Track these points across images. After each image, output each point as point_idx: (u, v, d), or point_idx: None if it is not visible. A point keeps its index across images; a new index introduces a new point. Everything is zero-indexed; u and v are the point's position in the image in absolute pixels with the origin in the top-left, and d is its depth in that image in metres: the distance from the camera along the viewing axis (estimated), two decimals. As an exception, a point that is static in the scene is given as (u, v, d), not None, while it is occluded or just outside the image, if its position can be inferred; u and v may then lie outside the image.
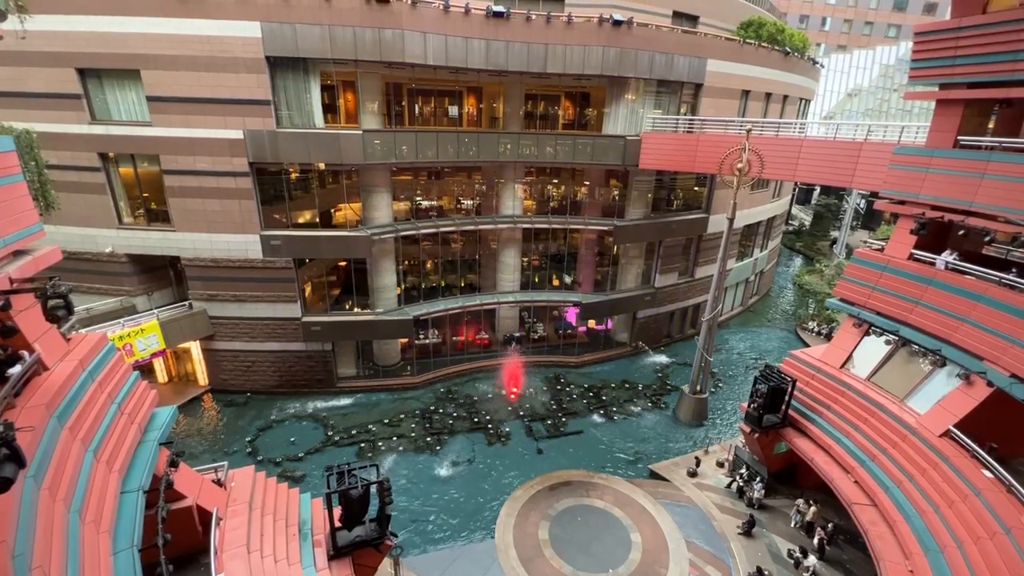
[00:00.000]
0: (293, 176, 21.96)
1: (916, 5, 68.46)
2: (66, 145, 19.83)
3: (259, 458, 19.58)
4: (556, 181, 27.78)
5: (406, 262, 25.38)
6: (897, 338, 15.05)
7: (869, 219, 54.60)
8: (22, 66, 18.87)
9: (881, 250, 16.12)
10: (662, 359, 28.87)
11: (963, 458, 12.32)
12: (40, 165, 15.74)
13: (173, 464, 9.96)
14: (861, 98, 60.04)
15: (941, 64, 13.86)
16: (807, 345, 30.06)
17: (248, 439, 20.67)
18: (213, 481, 11.44)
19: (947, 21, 13.58)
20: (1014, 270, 12.97)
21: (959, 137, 14.04)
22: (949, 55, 13.55)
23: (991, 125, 14.72)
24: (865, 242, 18.11)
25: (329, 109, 21.46)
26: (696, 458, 19.52)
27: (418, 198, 25.19)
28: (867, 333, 16.24)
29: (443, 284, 26.61)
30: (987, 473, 11.72)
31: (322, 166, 21.99)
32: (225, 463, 12.23)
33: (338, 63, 19.74)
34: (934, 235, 14.94)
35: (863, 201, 53.08)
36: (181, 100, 19.23)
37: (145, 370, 23.06)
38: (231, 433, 21.23)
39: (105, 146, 20.26)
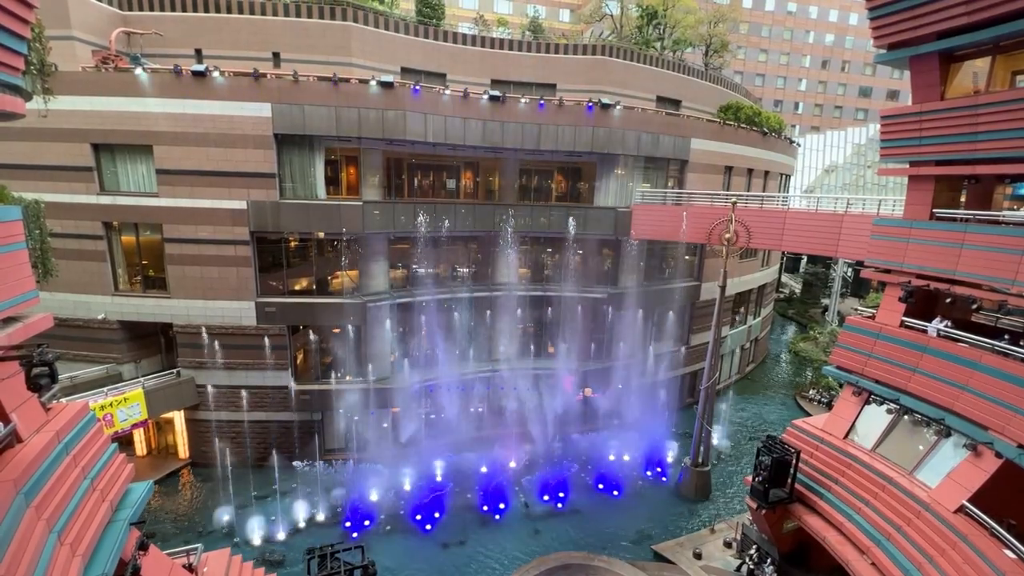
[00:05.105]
0: (292, 244, 22.40)
1: (880, 92, 74.67)
2: (73, 214, 20.29)
3: (235, 539, 18.27)
4: (551, 250, 28.43)
5: (401, 329, 25.26)
6: (898, 407, 14.80)
7: (858, 287, 55.62)
8: (40, 141, 19.70)
9: (872, 317, 16.27)
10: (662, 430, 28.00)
11: (982, 536, 11.69)
12: (44, 233, 15.96)
13: (142, 547, 9.25)
14: (838, 174, 63.31)
15: (908, 144, 14.75)
16: (808, 414, 29.39)
17: (226, 517, 19.39)
18: (184, 566, 10.58)
19: (910, 106, 14.66)
20: (1006, 337, 13.06)
21: (934, 210, 14.67)
22: (915, 136, 14.46)
23: (963, 198, 15.42)
24: (855, 309, 18.31)
25: (332, 181, 22.33)
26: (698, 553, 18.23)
27: (415, 266, 25.56)
28: (868, 402, 15.99)
29: (437, 351, 26.28)
30: (1009, 553, 11.08)
31: (322, 235, 22.52)
32: (199, 546, 11.38)
33: (343, 140, 20.83)
34: (923, 302, 15.15)
35: (850, 269, 54.34)
36: (189, 172, 20.02)
37: (124, 442, 22.06)
38: (209, 510, 19.91)
39: (111, 215, 20.75)
